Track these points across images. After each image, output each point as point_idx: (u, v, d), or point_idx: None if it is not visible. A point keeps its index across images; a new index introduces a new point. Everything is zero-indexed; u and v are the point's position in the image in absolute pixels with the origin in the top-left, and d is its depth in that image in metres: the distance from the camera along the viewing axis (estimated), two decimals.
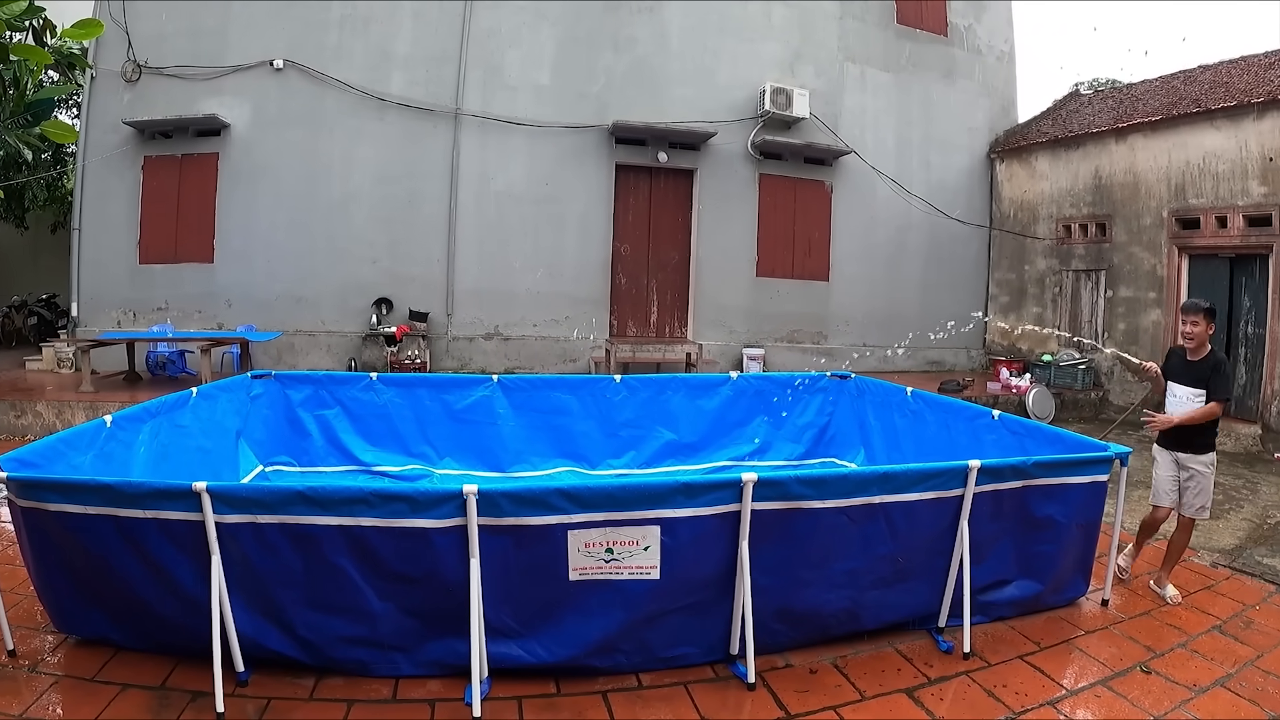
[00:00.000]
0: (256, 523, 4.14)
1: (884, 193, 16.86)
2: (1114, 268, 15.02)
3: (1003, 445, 6.65)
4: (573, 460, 8.41)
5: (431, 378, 8.68)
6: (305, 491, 4.09)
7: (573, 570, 4.33)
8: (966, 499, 4.97)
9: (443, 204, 14.27)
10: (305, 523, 4.13)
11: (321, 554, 4.19)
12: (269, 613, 4.33)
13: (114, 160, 13.45)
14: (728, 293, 15.77)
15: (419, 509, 4.11)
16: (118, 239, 13.54)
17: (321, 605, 4.30)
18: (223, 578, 4.15)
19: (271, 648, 4.37)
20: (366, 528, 4.14)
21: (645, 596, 4.43)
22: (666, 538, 4.35)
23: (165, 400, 6.59)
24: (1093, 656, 5.05)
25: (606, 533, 4.27)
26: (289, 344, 13.72)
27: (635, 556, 4.34)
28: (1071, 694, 4.61)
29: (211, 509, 4.07)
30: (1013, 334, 17.37)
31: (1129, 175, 14.70)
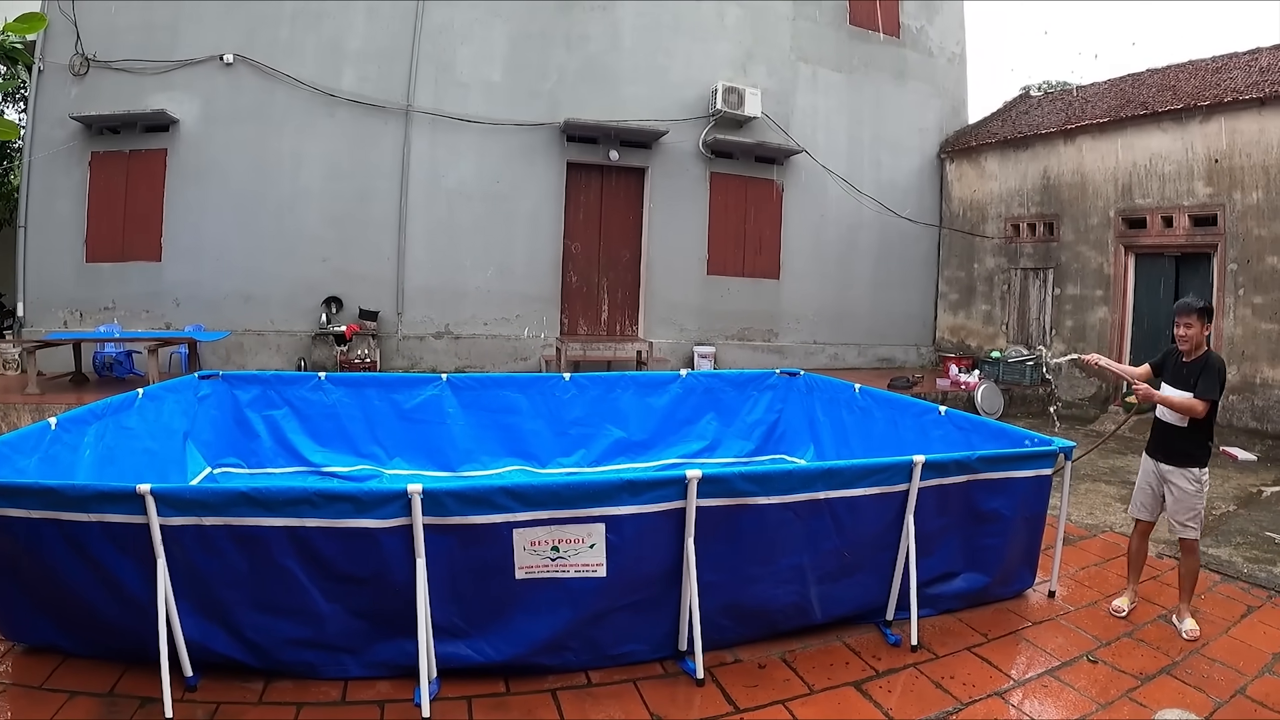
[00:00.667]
0: (201, 525, 4.10)
1: (835, 192, 17.01)
2: (1062, 266, 15.28)
3: (949, 441, 6.76)
4: (523, 459, 8.40)
5: (380, 377, 8.66)
6: (249, 493, 4.07)
7: (519, 569, 4.34)
8: (912, 494, 5.06)
9: (393, 202, 14.16)
10: (250, 524, 4.10)
11: (267, 556, 4.17)
12: (216, 616, 4.29)
13: (61, 156, 13.17)
14: (679, 291, 15.83)
15: (364, 509, 4.11)
16: (64, 237, 13.25)
17: (268, 607, 4.27)
18: (169, 581, 4.10)
19: (219, 651, 4.33)
20: (312, 528, 4.12)
21: (592, 594, 4.45)
22: (612, 535, 4.38)
23: (111, 402, 6.49)
24: (1040, 647, 5.15)
25: (552, 531, 4.29)
26: (238, 344, 13.54)
27: (581, 554, 4.36)
28: (1019, 684, 4.70)
29: (156, 511, 4.02)
30: (962, 331, 17.58)
31: (1077, 176, 14.98)
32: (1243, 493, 9.24)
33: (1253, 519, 8.23)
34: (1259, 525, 8.01)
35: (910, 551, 5.10)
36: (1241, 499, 8.96)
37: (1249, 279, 12.20)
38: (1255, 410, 11.96)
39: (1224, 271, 12.50)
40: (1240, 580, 6.42)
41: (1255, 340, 12.06)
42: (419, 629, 4.13)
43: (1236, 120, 12.33)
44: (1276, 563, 6.96)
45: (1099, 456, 10.82)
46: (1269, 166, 12.04)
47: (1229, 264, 12.43)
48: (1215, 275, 12.63)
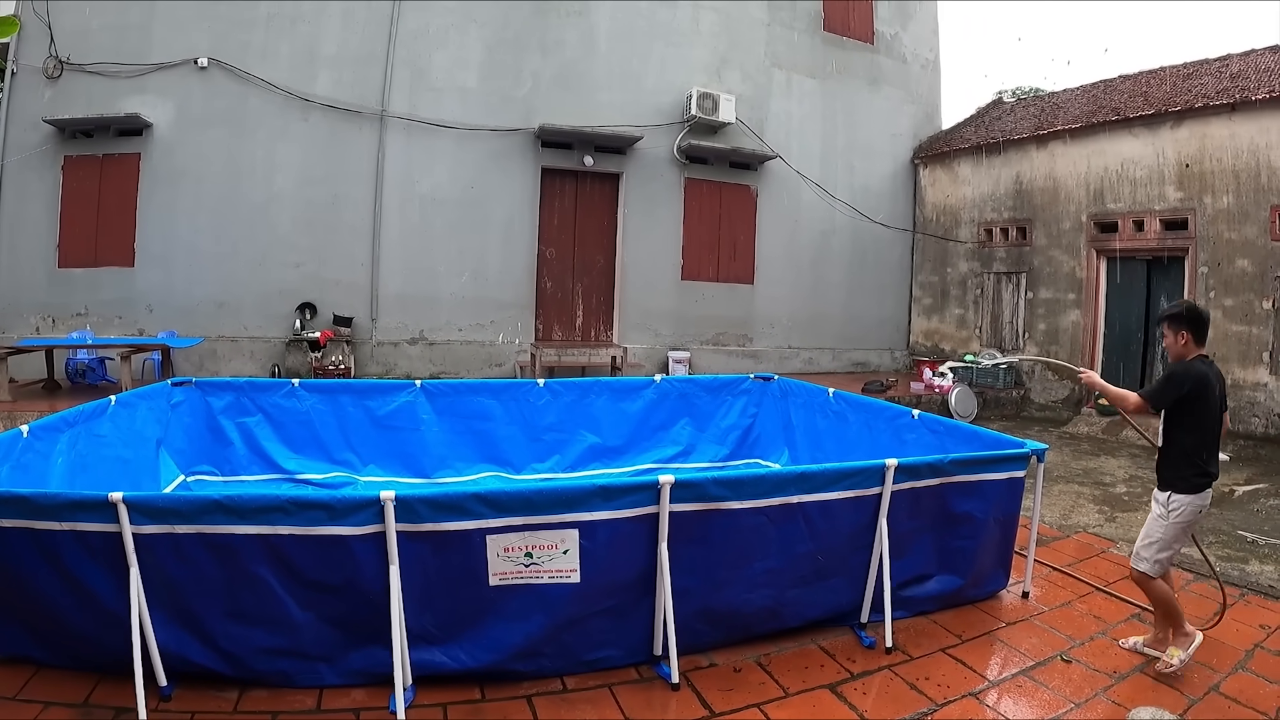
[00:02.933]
0: (174, 533, 4.09)
1: (809, 197, 17.10)
2: (1034, 270, 15.41)
3: (923, 444, 6.81)
4: (497, 465, 8.39)
5: (354, 384, 8.62)
6: (222, 500, 4.06)
7: (493, 575, 4.35)
8: (884, 497, 5.09)
9: (367, 207, 14.11)
10: (223, 532, 4.09)
11: (241, 564, 4.16)
12: (190, 625, 4.27)
13: (33, 160, 13.06)
14: (653, 296, 15.87)
15: (337, 516, 4.11)
16: (36, 241, 13.15)
17: (242, 616, 4.26)
18: (142, 591, 4.09)
19: (194, 661, 4.31)
20: (285, 536, 4.12)
21: (566, 600, 4.46)
22: (585, 541, 4.39)
23: (84, 409, 6.45)
24: (1014, 647, 5.19)
25: (525, 537, 4.30)
26: (211, 350, 13.46)
27: (554, 560, 4.37)
28: (994, 684, 4.75)
29: (129, 520, 4.01)
30: (936, 335, 17.71)
31: (1049, 181, 15.12)
32: (1215, 492, 9.27)
33: (1225, 518, 8.35)
34: (1231, 524, 8.13)
35: (884, 554, 5.13)
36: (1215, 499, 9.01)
37: (1220, 282, 12.35)
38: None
39: (1195, 275, 12.66)
40: (1213, 579, 6.44)
41: (1226, 342, 12.20)
42: (393, 636, 4.13)
43: (1207, 125, 12.49)
44: (1249, 561, 7.08)
45: (1072, 458, 10.95)
46: (1239, 171, 12.20)
47: (1200, 267, 12.59)
48: (1187, 279, 12.78)
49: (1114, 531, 7.74)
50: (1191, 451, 4.93)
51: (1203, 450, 4.94)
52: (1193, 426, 4.93)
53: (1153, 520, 5.04)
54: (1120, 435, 12.51)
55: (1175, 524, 4.93)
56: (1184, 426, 4.95)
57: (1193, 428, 4.93)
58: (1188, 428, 4.94)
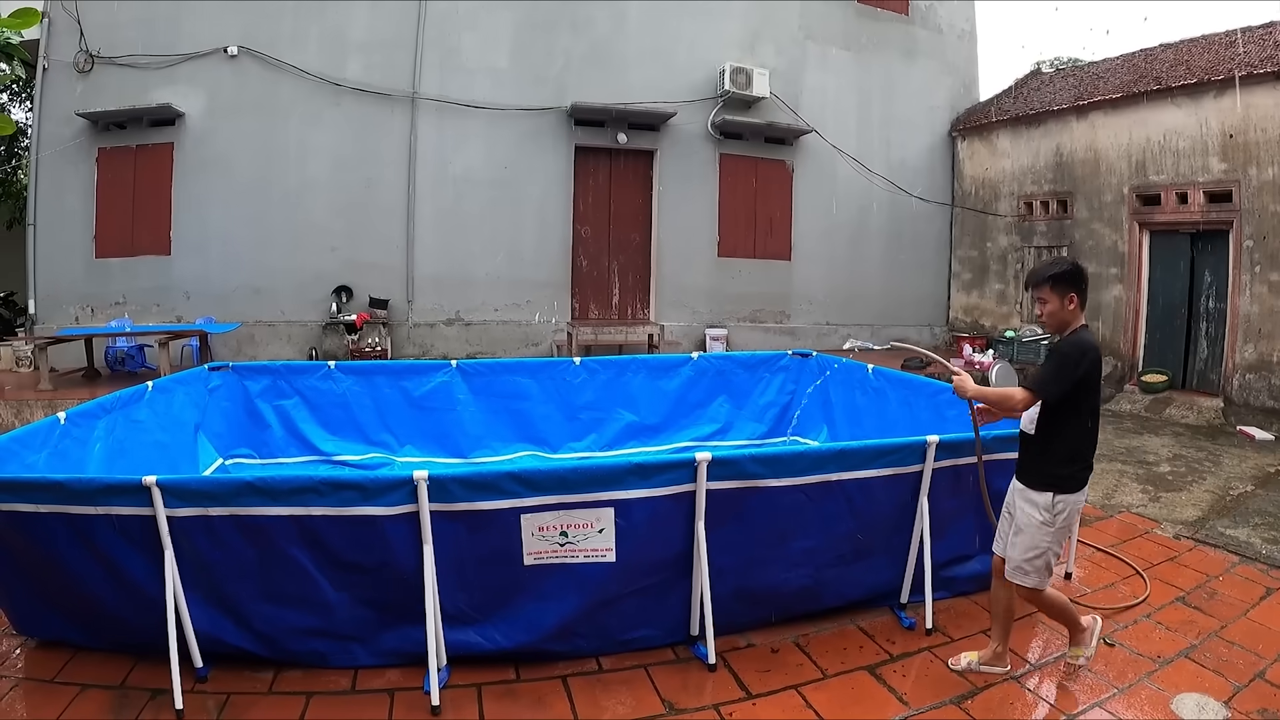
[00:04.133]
0: (207, 516, 4.08)
1: (845, 172, 16.85)
2: (1075, 244, 15.09)
3: (965, 421, 6.58)
4: (534, 444, 8.35)
5: (390, 365, 8.59)
6: (255, 482, 4.05)
7: (527, 555, 4.31)
8: (926, 475, 4.99)
9: (401, 190, 14.09)
10: (256, 514, 4.08)
11: (274, 545, 4.14)
12: (225, 607, 4.28)
13: (68, 153, 13.14)
14: (690, 273, 15.74)
15: (370, 497, 4.07)
16: (73, 233, 13.25)
17: (277, 597, 4.26)
18: (177, 573, 4.10)
19: (229, 642, 4.32)
20: (317, 517, 4.09)
21: (602, 580, 4.42)
22: (621, 520, 4.34)
23: (121, 395, 6.47)
24: (1056, 630, 5.04)
25: (560, 516, 4.25)
26: (249, 335, 13.52)
27: (590, 539, 4.32)
28: (1035, 668, 4.64)
29: (163, 503, 4.01)
30: (975, 310, 17.47)
31: (1090, 152, 14.77)
32: (1260, 473, 9.10)
33: (1271, 499, 8.09)
34: (1277, 505, 7.89)
35: (925, 534, 5.04)
36: (1259, 479, 8.83)
37: (1265, 255, 12.03)
38: (1273, 389, 11.79)
39: (1240, 248, 12.30)
40: (1259, 561, 6.30)
41: (1273, 318, 11.88)
42: (427, 617, 4.11)
43: (1251, 95, 12.13)
44: None
45: (1115, 436, 10.74)
46: None
47: (1245, 240, 12.24)
48: (1231, 253, 12.44)
49: (1158, 512, 7.55)
50: (1081, 443, 4.24)
51: (1092, 439, 4.28)
52: (1086, 412, 4.19)
53: (1034, 529, 4.24)
54: (1164, 414, 12.27)
55: (1061, 528, 4.27)
56: (1076, 413, 4.18)
57: (1086, 413, 4.20)
58: (1081, 414, 4.19)
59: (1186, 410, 12.17)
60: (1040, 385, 4.11)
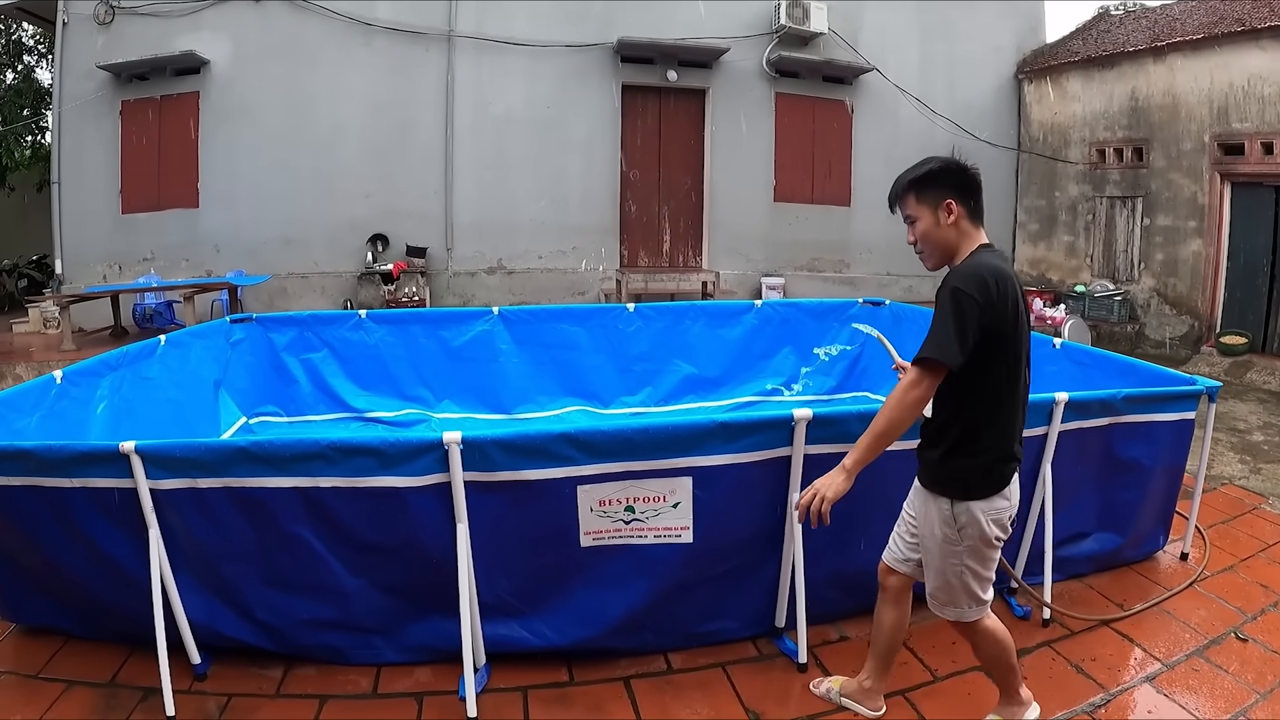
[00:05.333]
0: (196, 488, 3.42)
1: (907, 113, 15.87)
2: (1151, 195, 14.11)
3: (1066, 377, 5.79)
4: (583, 399, 7.75)
5: (426, 313, 8.05)
6: (250, 448, 3.34)
7: (585, 534, 3.56)
8: (1050, 439, 4.20)
9: (438, 133, 13.54)
10: (253, 486, 3.39)
11: (276, 523, 3.46)
12: (222, 594, 3.64)
13: (90, 107, 12.84)
14: (744, 219, 14.94)
15: (390, 464, 3.35)
16: (98, 190, 13.01)
17: (281, 583, 3.59)
18: (164, 555, 3.46)
19: (228, 635, 3.69)
20: (326, 489, 3.39)
21: (675, 564, 3.66)
22: (700, 491, 3.57)
23: (128, 350, 5.93)
24: (1183, 621, 4.32)
25: (625, 487, 3.48)
26: (280, 288, 13.13)
27: (662, 516, 3.56)
28: (1168, 667, 3.91)
29: (144, 473, 3.35)
30: (1042, 263, 16.54)
31: (1168, 97, 13.76)
32: None
33: None
34: None
35: (1047, 506, 4.26)
36: None
37: None
38: None
39: None
40: None
41: None
42: (462, 610, 3.39)
43: None
44: None
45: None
46: None
47: None
48: None
49: (1261, 485, 6.66)
50: (993, 421, 2.89)
51: (1010, 414, 2.93)
52: (1001, 374, 2.85)
53: (936, 547, 3.05)
54: (1244, 378, 11.33)
55: (981, 544, 2.98)
56: (984, 373, 2.83)
57: (1000, 376, 2.85)
58: (992, 375, 2.85)
59: (1268, 375, 11.22)
60: (936, 348, 2.73)
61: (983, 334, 2.73)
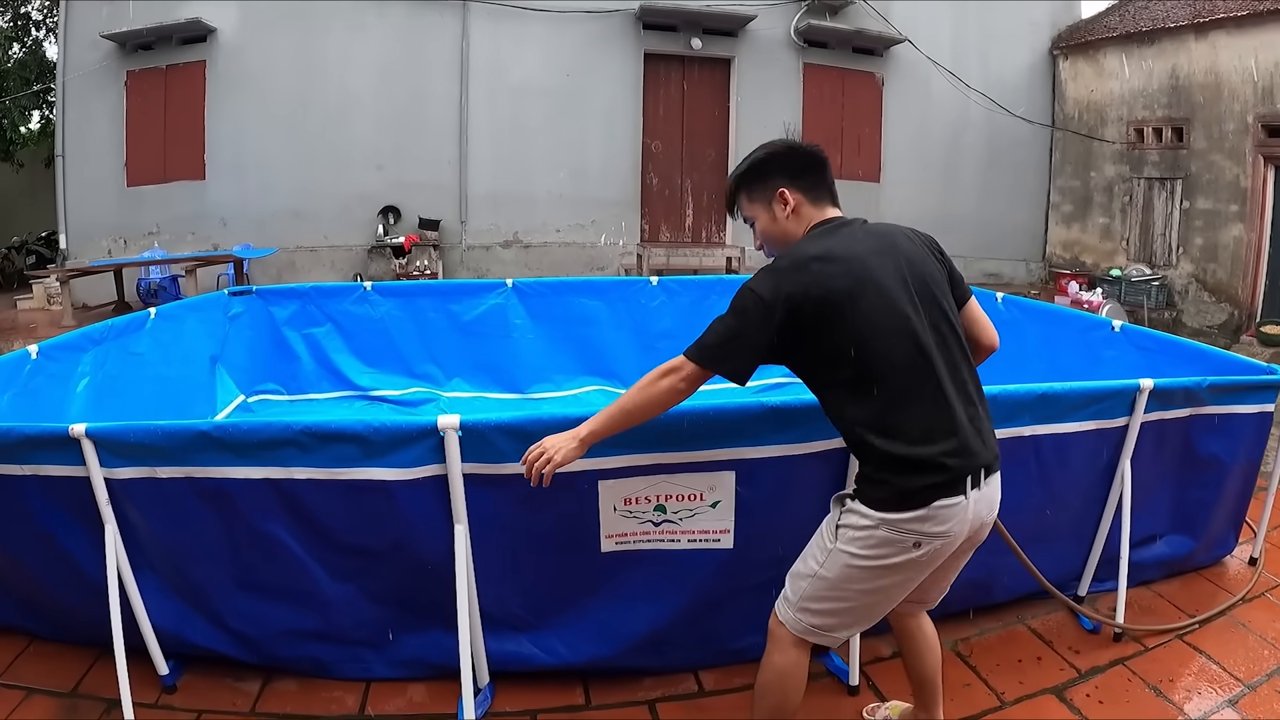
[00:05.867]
0: (155, 478, 2.95)
1: (940, 87, 15.37)
2: (1191, 177, 13.62)
3: (1129, 364, 5.27)
4: (602, 378, 7.34)
5: (435, 285, 7.68)
6: (212, 432, 2.86)
7: (606, 537, 3.07)
8: (1131, 430, 3.71)
9: (452, 102, 13.18)
10: (218, 476, 2.92)
11: (245, 519, 2.98)
12: (191, 599, 3.19)
13: (95, 78, 12.63)
14: None
15: (374, 453, 2.86)
16: (103, 162, 12.79)
17: (255, 588, 3.13)
18: (123, 553, 3.04)
19: (199, 644, 3.25)
20: (302, 481, 2.91)
21: (712, 572, 3.17)
22: (744, 488, 3.06)
23: (114, 324, 5.52)
24: (1259, 634, 3.85)
25: (655, 483, 2.98)
26: (289, 261, 12.85)
27: (698, 517, 3.06)
28: (1249, 689, 3.44)
29: (97, 460, 2.91)
30: (1076, 246, 16.06)
31: (1210, 76, 13.25)
32: None
33: None
34: None
35: (1125, 506, 3.78)
36: None
37: None
38: None
39: None
40: None
41: None
42: (460, 625, 2.91)
43: None
44: None
45: None
46: None
47: None
48: None
49: None
50: (878, 425, 2.34)
51: (918, 414, 2.33)
52: (856, 366, 2.33)
53: (815, 541, 2.57)
54: None
55: (851, 564, 2.39)
56: (833, 370, 2.40)
57: (859, 369, 2.33)
58: (842, 370, 2.37)
59: None
60: (695, 346, 2.41)
61: (790, 331, 2.34)
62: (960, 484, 2.32)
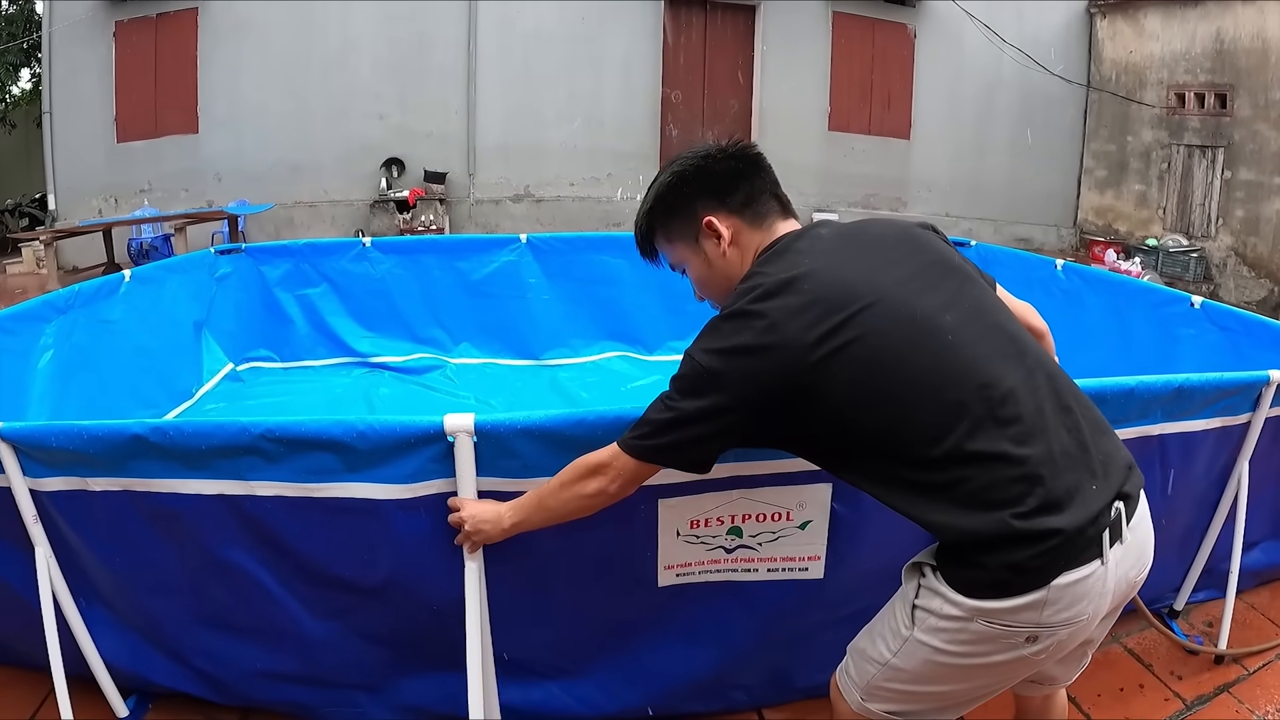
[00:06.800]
0: (88, 490, 2.33)
1: (973, 41, 14.75)
2: (1235, 146, 13.05)
3: (1209, 346, 4.74)
4: (625, 343, 6.84)
5: (441, 241, 7.13)
6: (149, 436, 2.17)
7: (665, 569, 2.42)
8: (1253, 428, 3.18)
9: (460, 47, 12.62)
10: (161, 490, 2.27)
11: (199, 544, 2.35)
12: (148, 634, 2.61)
13: (81, 29, 12.03)
14: (795, 149, 13.73)
15: (359, 464, 2.19)
16: (92, 118, 12.26)
17: (222, 625, 2.53)
18: (60, 581, 2.47)
19: (161, 683, 2.67)
20: (265, 498, 2.25)
21: (795, 607, 2.54)
22: (841, 505, 2.41)
23: (82, 289, 4.97)
24: None
25: (732, 500, 2.33)
26: (287, 218, 12.38)
27: (783, 540, 2.41)
28: None
29: (19, 468, 2.32)
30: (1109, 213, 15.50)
31: (1257, 41, 12.63)
32: None
33: None
34: None
35: (1239, 512, 3.28)
36: None
37: None
38: None
39: None
40: None
41: None
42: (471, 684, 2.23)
43: None
44: None
45: None
46: None
47: None
48: None
49: None
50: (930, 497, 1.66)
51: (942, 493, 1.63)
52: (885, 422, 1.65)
53: (886, 616, 1.90)
54: None
55: (935, 660, 1.73)
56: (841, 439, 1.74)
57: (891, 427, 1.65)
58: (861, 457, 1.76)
59: None
60: (630, 436, 1.83)
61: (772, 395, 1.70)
62: (1091, 544, 1.59)
